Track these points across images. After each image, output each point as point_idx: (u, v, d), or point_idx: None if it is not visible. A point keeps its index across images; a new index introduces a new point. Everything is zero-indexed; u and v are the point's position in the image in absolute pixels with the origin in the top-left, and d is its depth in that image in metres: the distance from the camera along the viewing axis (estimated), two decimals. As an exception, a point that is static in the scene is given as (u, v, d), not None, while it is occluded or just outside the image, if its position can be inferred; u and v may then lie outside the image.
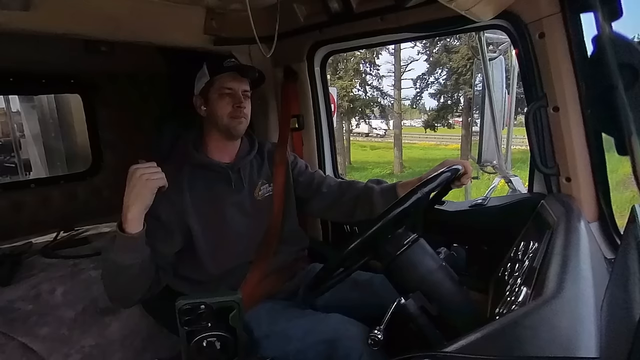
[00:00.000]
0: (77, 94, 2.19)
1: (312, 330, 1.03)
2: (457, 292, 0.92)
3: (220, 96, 1.22)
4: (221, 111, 1.22)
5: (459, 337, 0.55)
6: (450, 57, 15.40)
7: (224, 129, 1.24)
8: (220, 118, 1.23)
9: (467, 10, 0.91)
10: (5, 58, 1.74)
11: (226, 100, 1.22)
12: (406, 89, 17.58)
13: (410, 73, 19.66)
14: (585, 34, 1.04)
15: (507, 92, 1.58)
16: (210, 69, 1.25)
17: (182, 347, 0.64)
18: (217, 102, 1.23)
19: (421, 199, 0.92)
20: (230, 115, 1.22)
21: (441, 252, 1.01)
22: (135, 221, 1.00)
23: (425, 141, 21.50)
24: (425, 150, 19.95)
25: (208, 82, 1.24)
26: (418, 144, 21.43)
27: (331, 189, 1.38)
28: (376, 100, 17.71)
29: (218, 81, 1.23)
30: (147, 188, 1.00)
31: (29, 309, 1.42)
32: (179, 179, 1.19)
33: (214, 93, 1.23)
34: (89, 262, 1.67)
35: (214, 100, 1.23)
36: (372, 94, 17.50)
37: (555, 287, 0.62)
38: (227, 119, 1.22)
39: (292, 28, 1.53)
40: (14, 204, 1.97)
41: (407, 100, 18.75)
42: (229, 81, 1.23)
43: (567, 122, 1.10)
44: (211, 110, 1.24)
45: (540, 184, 1.27)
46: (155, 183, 1.01)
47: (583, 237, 0.86)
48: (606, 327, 0.52)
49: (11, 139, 4.17)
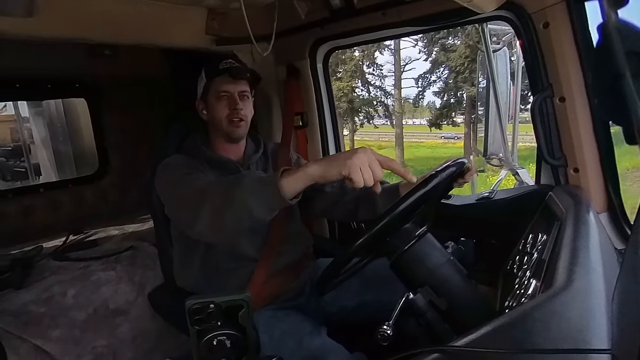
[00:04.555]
0: (82, 98, 2.21)
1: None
2: (465, 286, 0.92)
3: (218, 99, 1.22)
4: (219, 115, 1.22)
5: (469, 331, 0.55)
6: (448, 55, 15.35)
7: (224, 133, 1.24)
8: (219, 122, 1.22)
9: (469, 2, 0.90)
10: (11, 64, 1.77)
11: (223, 103, 1.22)
12: (405, 88, 17.60)
13: (412, 72, 19.62)
14: (590, 22, 1.03)
15: (512, 83, 1.56)
16: (207, 72, 1.24)
17: (192, 345, 0.65)
18: (215, 105, 1.22)
19: (429, 192, 0.91)
20: (228, 119, 1.22)
21: (449, 247, 1.00)
22: (300, 182, 0.84)
23: (434, 139, 21.31)
24: (432, 149, 19.80)
25: (205, 85, 1.24)
26: (425, 143, 21.28)
27: (333, 189, 1.37)
28: (375, 100, 17.71)
29: (214, 84, 1.23)
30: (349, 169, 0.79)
31: (42, 312, 1.44)
32: (199, 166, 1.18)
33: (212, 97, 1.23)
34: (99, 264, 1.69)
35: (212, 104, 1.23)
36: (374, 93, 17.53)
37: (565, 279, 0.61)
38: (226, 123, 1.22)
39: (293, 25, 1.52)
40: (24, 208, 2.00)
41: (409, 100, 18.70)
42: (225, 84, 1.22)
43: (574, 112, 1.09)
44: (211, 114, 1.24)
45: (547, 176, 1.26)
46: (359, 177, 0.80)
47: (592, 228, 0.85)
48: (617, 318, 0.51)
49: (21, 144, 4.23)
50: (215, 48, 1.56)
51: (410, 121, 26.37)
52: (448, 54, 15.42)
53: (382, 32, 1.45)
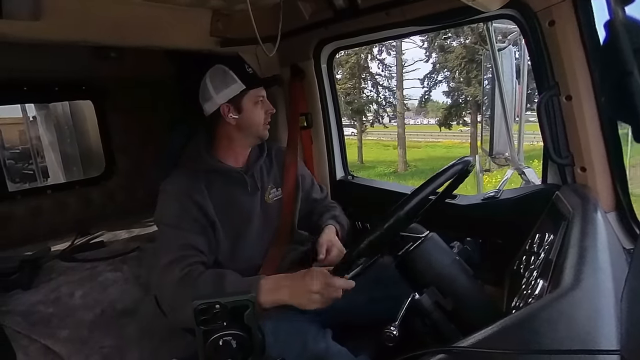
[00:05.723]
0: (89, 101, 2.23)
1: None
2: (471, 287, 0.91)
3: (255, 104, 1.24)
4: (257, 119, 1.24)
5: (475, 331, 0.54)
6: (446, 56, 15.33)
7: (256, 136, 1.26)
8: (257, 126, 1.24)
9: (474, 0, 0.90)
10: (18, 67, 1.79)
11: (259, 107, 1.24)
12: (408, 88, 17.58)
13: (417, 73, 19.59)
14: (596, 19, 1.01)
15: (518, 82, 1.55)
16: (243, 79, 1.22)
17: (198, 346, 0.65)
18: (252, 110, 1.23)
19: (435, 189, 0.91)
20: (264, 123, 1.25)
21: (454, 247, 1.00)
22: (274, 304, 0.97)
23: (452, 139, 21.02)
24: (448, 148, 19.49)
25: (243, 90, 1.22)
26: (442, 142, 21.02)
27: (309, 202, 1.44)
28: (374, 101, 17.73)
29: (253, 90, 1.24)
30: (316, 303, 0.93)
31: (50, 312, 1.45)
32: (200, 186, 1.19)
33: (249, 102, 1.23)
34: (106, 265, 1.70)
35: (248, 108, 1.23)
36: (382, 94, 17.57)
37: (573, 279, 0.61)
38: (263, 126, 1.25)
39: (297, 26, 1.53)
40: (31, 210, 2.02)
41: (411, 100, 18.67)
42: (260, 89, 1.26)
43: (581, 110, 1.08)
44: (245, 119, 1.23)
45: (554, 175, 1.24)
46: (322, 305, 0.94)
47: (600, 227, 0.84)
48: (626, 319, 0.51)
49: (29, 147, 4.28)
50: (219, 49, 1.57)
51: (425, 120, 26.25)
52: (446, 55, 15.40)
53: (386, 32, 1.44)
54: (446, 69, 15.87)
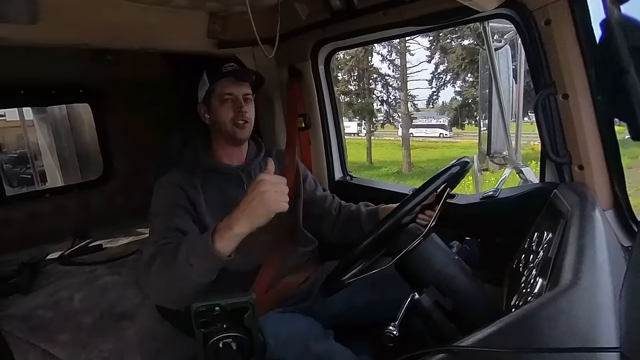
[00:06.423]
0: (86, 104, 2.22)
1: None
2: (471, 286, 0.91)
3: (222, 102, 1.22)
4: (224, 117, 1.22)
5: (475, 331, 0.54)
6: (447, 57, 15.35)
7: (229, 136, 1.24)
8: (224, 124, 1.22)
9: (470, 0, 0.90)
10: (15, 71, 1.78)
11: (227, 106, 1.22)
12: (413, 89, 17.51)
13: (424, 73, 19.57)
14: (592, 18, 1.02)
15: (515, 81, 1.56)
16: (210, 76, 1.25)
17: (198, 348, 0.65)
18: (219, 108, 1.22)
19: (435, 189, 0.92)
20: (233, 121, 1.22)
21: (453, 246, 1.00)
22: (233, 241, 0.92)
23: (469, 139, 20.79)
24: (465, 149, 19.28)
25: (208, 89, 1.24)
26: (460, 143, 20.87)
27: (327, 212, 1.43)
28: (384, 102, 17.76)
29: (218, 87, 1.23)
30: (267, 207, 0.88)
31: (49, 316, 1.45)
32: (194, 181, 1.19)
33: (215, 100, 1.23)
34: (105, 269, 1.70)
35: (215, 107, 1.23)
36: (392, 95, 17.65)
37: (572, 277, 0.61)
38: (230, 125, 1.22)
39: (294, 27, 1.53)
40: (30, 214, 2.01)
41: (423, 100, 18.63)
42: (229, 86, 1.22)
43: (578, 109, 1.08)
44: (214, 118, 1.24)
45: (552, 173, 1.25)
46: (279, 205, 0.88)
47: (598, 225, 0.85)
48: (625, 316, 0.51)
49: (26, 151, 4.27)
50: (217, 51, 1.57)
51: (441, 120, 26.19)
52: (447, 56, 15.43)
53: (383, 32, 1.44)
54: (448, 70, 15.89)
